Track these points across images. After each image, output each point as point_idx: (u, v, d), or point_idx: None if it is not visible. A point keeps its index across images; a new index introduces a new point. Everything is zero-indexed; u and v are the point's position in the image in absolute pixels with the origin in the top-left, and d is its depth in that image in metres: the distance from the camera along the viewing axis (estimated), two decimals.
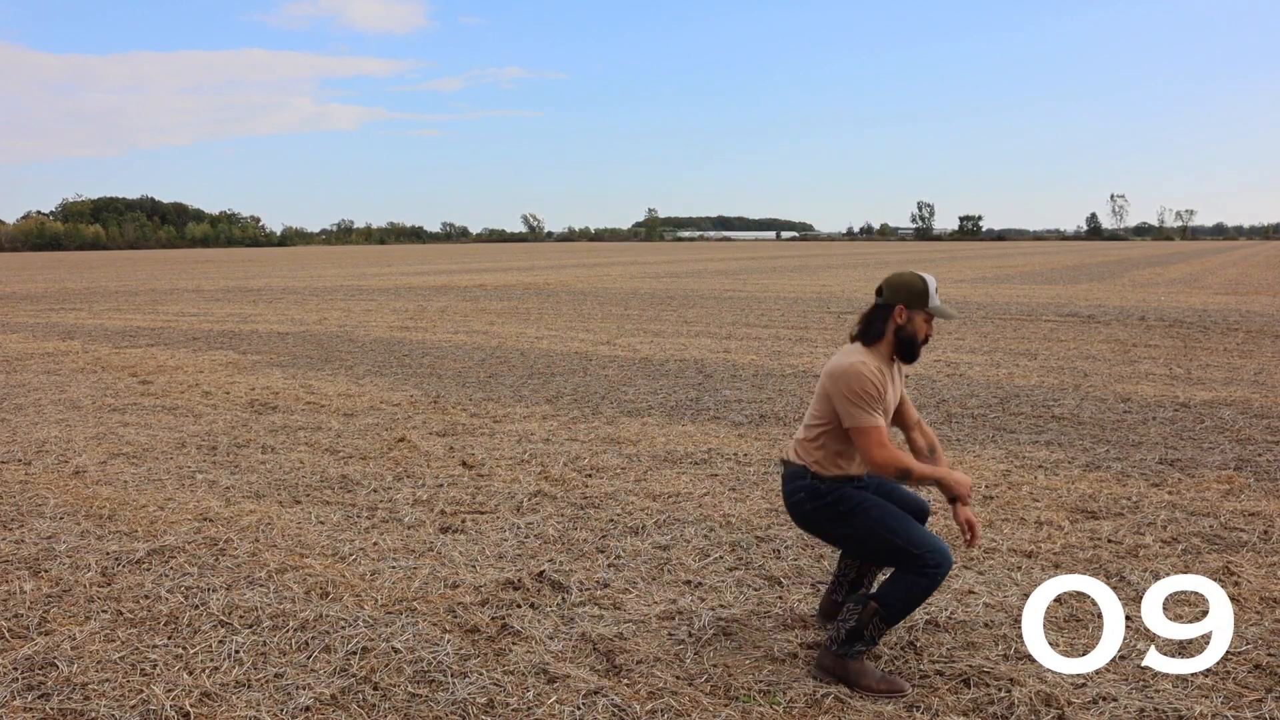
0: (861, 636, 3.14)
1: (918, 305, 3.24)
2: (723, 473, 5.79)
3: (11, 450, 6.61)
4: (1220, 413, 7.46)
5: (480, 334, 13.93)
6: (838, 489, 3.26)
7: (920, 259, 52.34)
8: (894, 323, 3.26)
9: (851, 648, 3.15)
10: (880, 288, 3.31)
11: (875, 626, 3.15)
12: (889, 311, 3.26)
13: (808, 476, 3.29)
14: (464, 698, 3.07)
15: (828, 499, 3.25)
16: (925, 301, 3.24)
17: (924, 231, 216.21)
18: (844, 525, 3.25)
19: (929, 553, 3.11)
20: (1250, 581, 3.94)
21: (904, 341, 3.27)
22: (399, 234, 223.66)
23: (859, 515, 3.21)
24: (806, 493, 3.29)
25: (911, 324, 3.25)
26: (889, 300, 3.26)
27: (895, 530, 3.15)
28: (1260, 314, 15.56)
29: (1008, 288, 23.83)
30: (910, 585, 3.13)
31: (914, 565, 3.12)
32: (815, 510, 3.28)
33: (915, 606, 3.17)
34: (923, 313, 3.25)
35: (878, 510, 3.21)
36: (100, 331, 14.94)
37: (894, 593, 3.15)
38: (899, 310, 3.24)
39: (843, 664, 3.15)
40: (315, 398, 8.55)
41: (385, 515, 5.00)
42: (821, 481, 3.27)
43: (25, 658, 3.35)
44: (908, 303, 3.24)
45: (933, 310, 3.26)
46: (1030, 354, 11.08)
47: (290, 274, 37.84)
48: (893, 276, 3.31)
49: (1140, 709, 2.96)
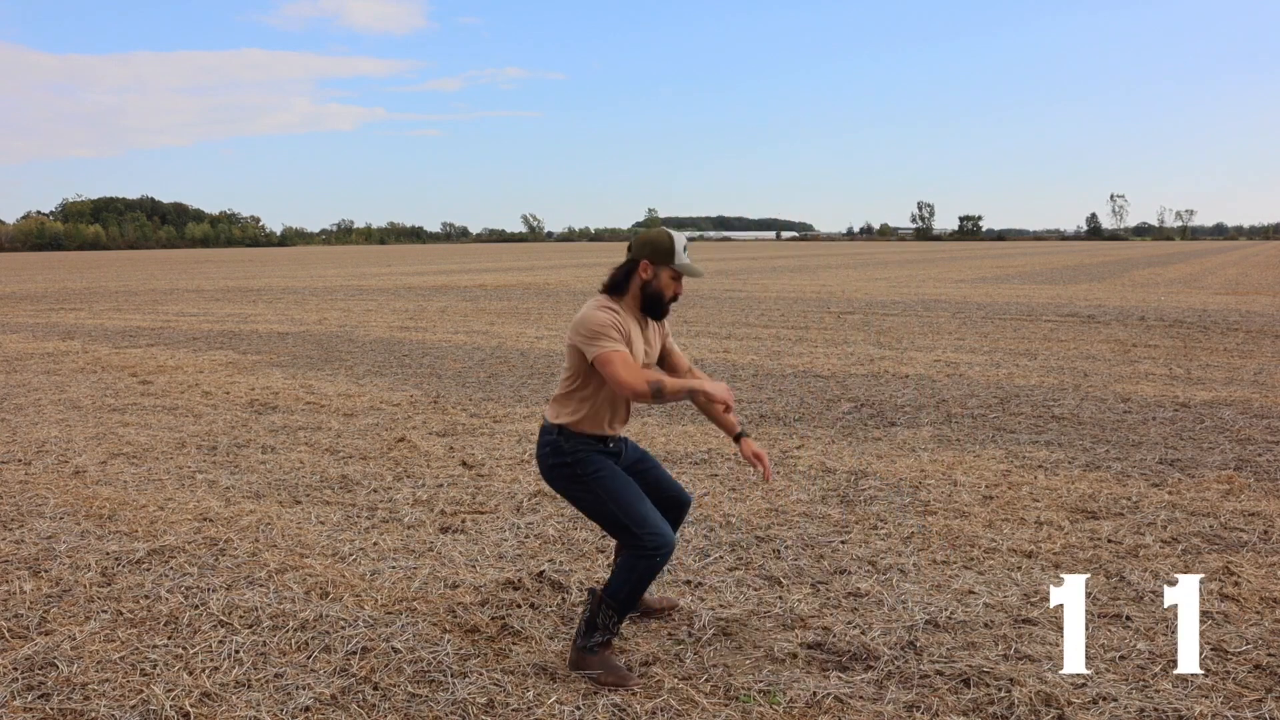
0: (596, 626, 3.20)
1: (663, 261, 3.24)
2: (723, 473, 5.79)
3: (11, 450, 6.61)
4: (1220, 413, 7.46)
5: (480, 334, 13.93)
6: (580, 450, 3.26)
7: (920, 259, 52.35)
8: (639, 278, 3.26)
9: (590, 639, 3.21)
10: (630, 243, 3.31)
11: (606, 614, 3.19)
12: (634, 266, 3.26)
13: (555, 432, 3.29)
14: (464, 698, 3.07)
15: (568, 459, 3.26)
16: (671, 258, 3.24)
17: (924, 231, 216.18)
18: (579, 488, 3.26)
19: (648, 534, 3.14)
20: (1250, 581, 3.94)
21: (650, 297, 3.27)
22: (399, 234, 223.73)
23: (593, 482, 3.22)
24: (551, 448, 3.30)
25: (657, 280, 3.25)
26: (635, 255, 3.27)
27: (622, 505, 3.18)
28: (1260, 314, 15.56)
29: (1008, 288, 23.83)
30: (630, 569, 3.18)
31: (633, 544, 3.16)
32: (555, 468, 3.29)
33: (640, 591, 3.21)
34: (669, 269, 3.25)
35: (612, 482, 3.22)
36: (100, 331, 14.94)
37: (616, 580, 3.20)
38: (644, 265, 3.24)
39: (582, 657, 3.22)
40: (315, 398, 8.55)
41: (385, 515, 5.00)
42: (566, 439, 3.27)
43: (25, 658, 3.35)
44: (652, 258, 3.24)
45: (679, 267, 3.26)
46: (1030, 354, 11.08)
47: (290, 274, 37.83)
48: (642, 232, 3.32)
49: (1140, 709, 2.96)
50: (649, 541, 3.14)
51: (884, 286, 24.65)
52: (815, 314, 16.76)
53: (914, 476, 5.65)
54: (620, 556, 3.26)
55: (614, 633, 3.23)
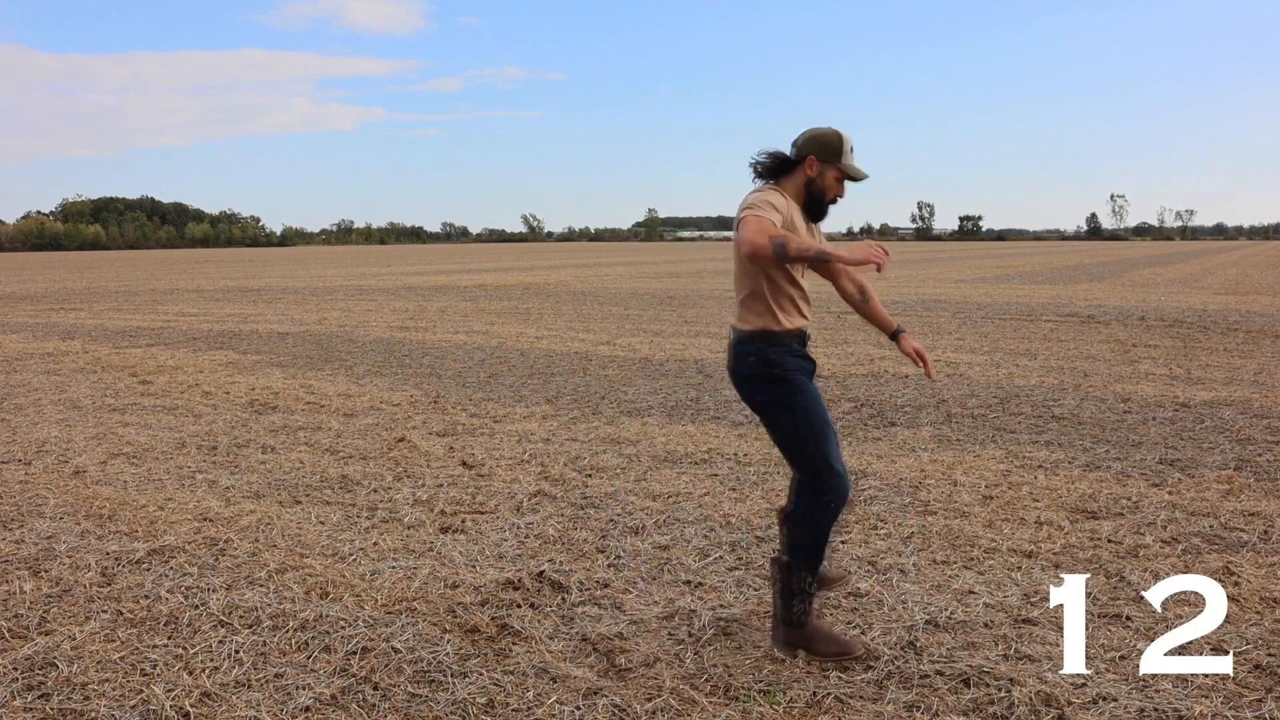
0: (793, 593, 3.11)
1: (830, 159, 3.13)
2: (723, 473, 5.79)
3: (11, 450, 6.61)
4: (1220, 413, 7.46)
5: (480, 334, 13.93)
6: (789, 365, 3.15)
7: (920, 259, 52.34)
8: (804, 174, 3.15)
9: (791, 610, 3.12)
10: (795, 140, 3.20)
11: (799, 576, 3.11)
12: (800, 162, 3.16)
13: (758, 340, 3.18)
14: (464, 698, 3.07)
15: (775, 370, 3.15)
16: (839, 157, 3.13)
17: (924, 231, 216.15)
18: (779, 408, 3.15)
19: (832, 475, 3.07)
20: (1250, 581, 3.94)
21: (813, 196, 3.16)
22: (399, 234, 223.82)
23: (797, 405, 3.12)
24: (757, 357, 3.18)
25: (822, 179, 3.15)
26: (802, 151, 3.16)
27: (817, 438, 3.11)
28: (1260, 314, 15.56)
29: (1008, 288, 23.83)
30: (808, 519, 3.12)
31: (813, 482, 3.09)
32: (761, 379, 3.17)
33: (823, 540, 3.12)
34: (834, 169, 3.15)
35: (814, 410, 3.15)
36: (100, 331, 14.94)
37: (795, 535, 3.11)
38: (810, 162, 3.14)
39: (792, 632, 3.14)
40: (315, 398, 8.55)
41: (385, 515, 5.00)
42: (773, 348, 3.15)
43: (25, 658, 3.35)
44: (820, 155, 3.13)
45: (844, 168, 3.15)
46: (1030, 354, 11.08)
47: (290, 274, 37.84)
48: (809, 130, 3.20)
49: (1140, 709, 2.96)
50: (830, 481, 3.05)
51: (884, 286, 24.65)
52: (816, 314, 16.74)
53: (914, 476, 5.65)
54: (792, 509, 3.11)
55: (813, 592, 3.10)
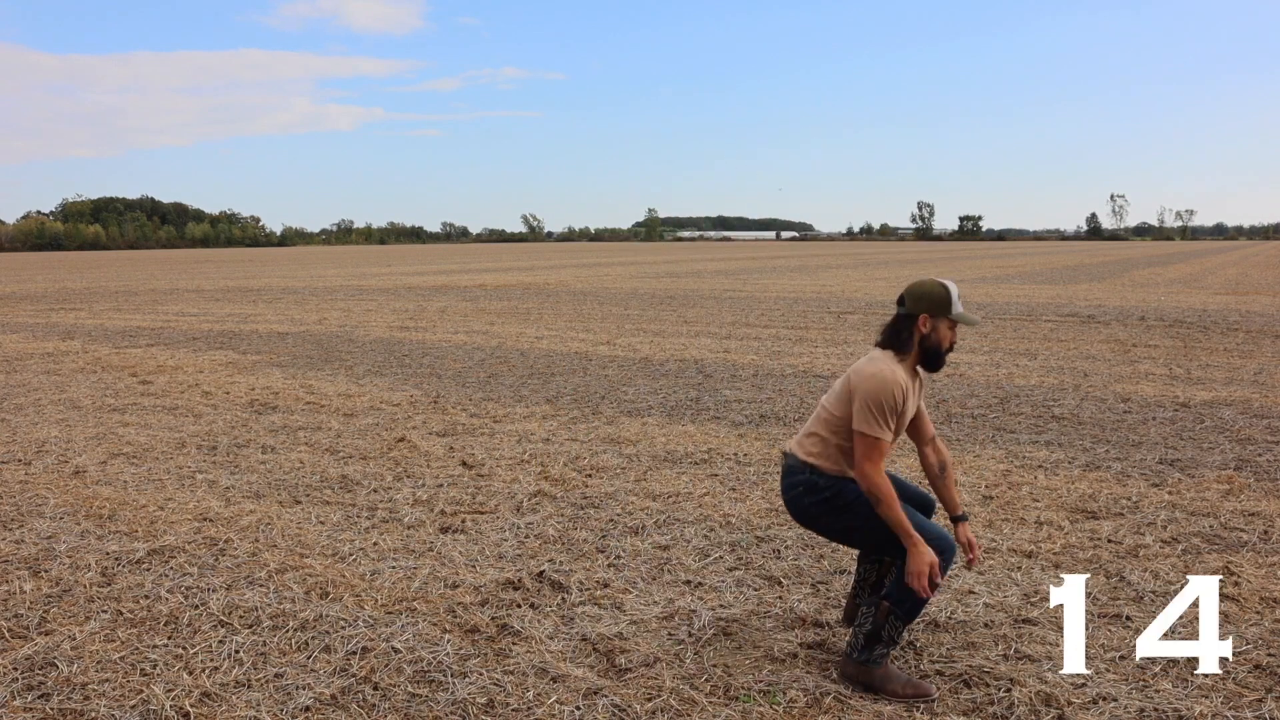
0: (880, 638, 3.11)
1: (941, 313, 3.19)
2: (723, 473, 5.79)
3: (11, 450, 6.61)
4: (1220, 413, 7.46)
5: (480, 334, 13.93)
6: (836, 484, 3.24)
7: (920, 259, 52.35)
8: (919, 332, 3.21)
9: (872, 653, 3.12)
10: (902, 297, 3.26)
11: (891, 625, 3.12)
12: (913, 321, 3.21)
13: (807, 472, 3.27)
14: (464, 698, 3.07)
15: (826, 494, 3.23)
16: (949, 309, 3.19)
17: (924, 231, 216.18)
18: (845, 516, 3.22)
19: (932, 540, 3.10)
20: (1250, 581, 3.94)
21: (928, 351, 3.22)
22: (399, 234, 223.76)
23: (859, 505, 3.19)
24: (805, 487, 3.27)
25: (936, 333, 3.20)
26: (912, 310, 3.21)
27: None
28: (1260, 314, 15.56)
29: (1008, 288, 23.83)
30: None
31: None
32: (813, 505, 3.26)
33: (927, 600, 3.14)
34: (946, 320, 3.21)
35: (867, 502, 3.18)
36: (100, 331, 14.94)
37: (903, 589, 3.11)
38: (923, 320, 3.19)
39: (867, 670, 3.13)
40: (315, 398, 8.55)
41: (385, 515, 5.00)
42: (820, 476, 3.25)
43: (25, 658, 3.35)
44: (931, 311, 3.19)
45: (956, 317, 3.21)
46: (1030, 354, 11.08)
47: (290, 274, 37.84)
48: (914, 285, 3.25)
49: (1140, 709, 2.96)
50: (934, 546, 3.09)
51: (884, 286, 24.65)
52: (815, 314, 16.76)
53: (914, 477, 5.64)
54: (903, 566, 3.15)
55: (897, 644, 3.14)
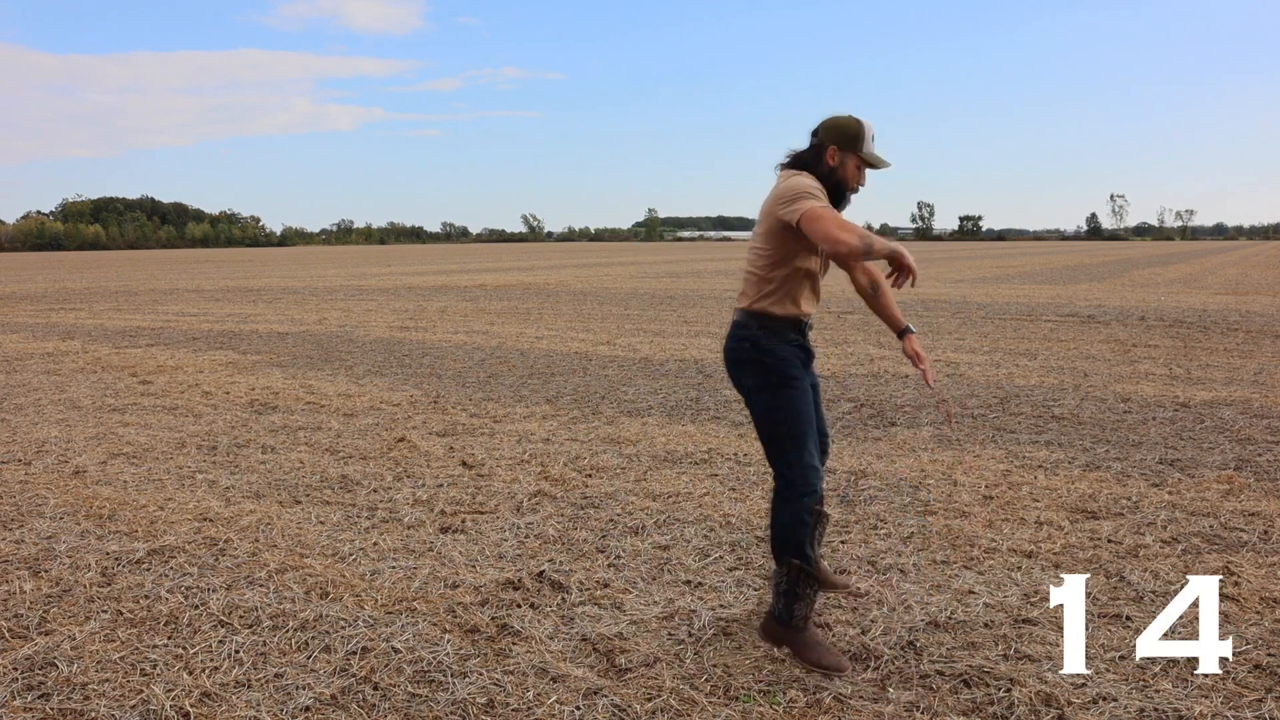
0: (797, 595, 3.15)
1: (850, 148, 3.13)
2: (723, 473, 5.79)
3: (11, 450, 6.61)
4: (1220, 413, 7.46)
5: (480, 334, 13.93)
6: (783, 351, 3.17)
7: (920, 259, 52.29)
8: (826, 164, 3.15)
9: (792, 611, 3.15)
10: (815, 129, 3.19)
11: (793, 571, 3.15)
12: (822, 151, 3.16)
13: (754, 325, 3.20)
14: (464, 698, 3.07)
15: (768, 359, 3.17)
16: (858, 145, 3.13)
17: (924, 231, 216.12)
18: (767, 393, 3.17)
19: (801, 468, 3.09)
20: (1250, 581, 3.94)
21: (835, 186, 3.15)
22: (399, 234, 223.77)
23: (783, 392, 3.14)
24: (751, 342, 3.20)
25: (843, 168, 3.15)
26: (821, 140, 3.16)
27: (797, 429, 3.12)
28: (1260, 314, 15.56)
29: (1008, 288, 23.83)
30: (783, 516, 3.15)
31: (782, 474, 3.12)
32: (753, 363, 3.19)
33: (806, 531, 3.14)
34: (855, 157, 3.15)
35: (800, 401, 3.16)
36: (100, 331, 14.94)
37: (779, 533, 3.15)
38: (832, 151, 3.14)
39: (785, 632, 3.17)
40: (315, 398, 8.55)
41: (385, 515, 5.00)
42: (768, 334, 3.17)
43: (25, 658, 3.35)
44: (840, 144, 3.13)
45: (866, 156, 3.15)
46: (1030, 354, 11.08)
47: (290, 274, 37.84)
48: (829, 118, 3.19)
49: (1140, 709, 2.96)
50: (797, 476, 3.06)
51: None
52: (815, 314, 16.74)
53: (914, 476, 5.65)
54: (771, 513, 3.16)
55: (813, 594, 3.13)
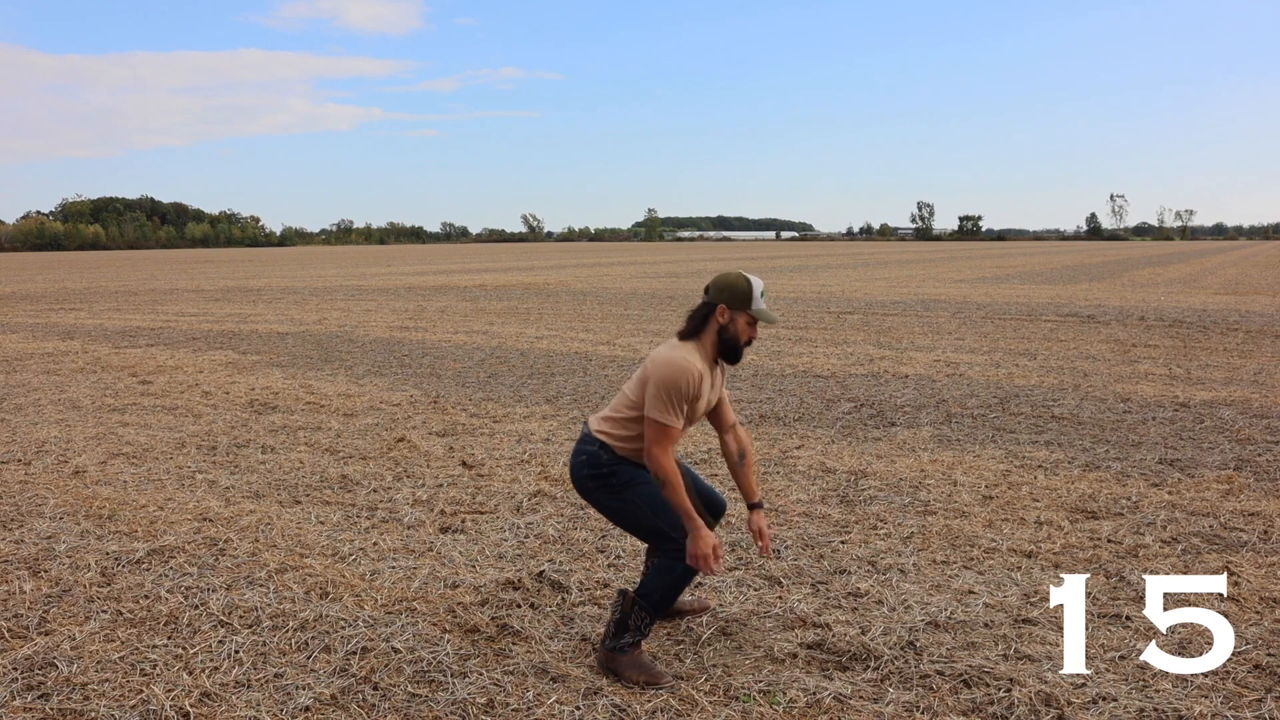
0: (627, 628, 3.20)
1: (740, 306, 3.22)
2: (722, 473, 5.79)
3: (11, 450, 6.61)
4: (1220, 413, 7.46)
5: (480, 334, 13.93)
6: (616, 464, 3.26)
7: (920, 259, 52.35)
8: (716, 322, 3.24)
9: (619, 640, 3.20)
10: (708, 286, 3.29)
11: (638, 617, 3.20)
12: (712, 310, 3.25)
13: (595, 445, 3.29)
14: (464, 698, 3.07)
15: (603, 470, 3.26)
16: (748, 303, 3.22)
17: (924, 231, 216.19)
18: (614, 498, 3.26)
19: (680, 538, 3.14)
20: (1250, 581, 3.94)
21: (726, 343, 3.26)
22: (399, 234, 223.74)
23: (629, 490, 3.23)
24: (588, 459, 3.29)
25: (734, 325, 3.23)
26: (713, 299, 3.24)
27: (659, 512, 3.18)
28: (1260, 314, 15.56)
29: (1008, 288, 23.83)
30: (668, 572, 3.19)
31: (671, 550, 3.16)
32: (590, 479, 3.29)
33: (676, 594, 3.22)
34: (745, 314, 3.23)
35: (648, 489, 3.22)
36: (100, 331, 14.94)
37: (652, 582, 3.22)
38: (721, 310, 3.22)
39: (613, 657, 3.22)
40: (315, 398, 8.55)
41: (385, 515, 5.00)
42: (605, 453, 3.26)
43: (25, 658, 3.35)
44: (729, 303, 3.22)
45: (755, 313, 3.23)
46: (1030, 354, 11.08)
47: (290, 274, 37.84)
48: (719, 276, 3.28)
49: (1140, 709, 2.96)
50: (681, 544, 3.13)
51: (884, 286, 24.66)
52: (815, 314, 16.76)
53: (914, 476, 5.65)
54: (657, 559, 3.24)
55: (645, 634, 3.22)
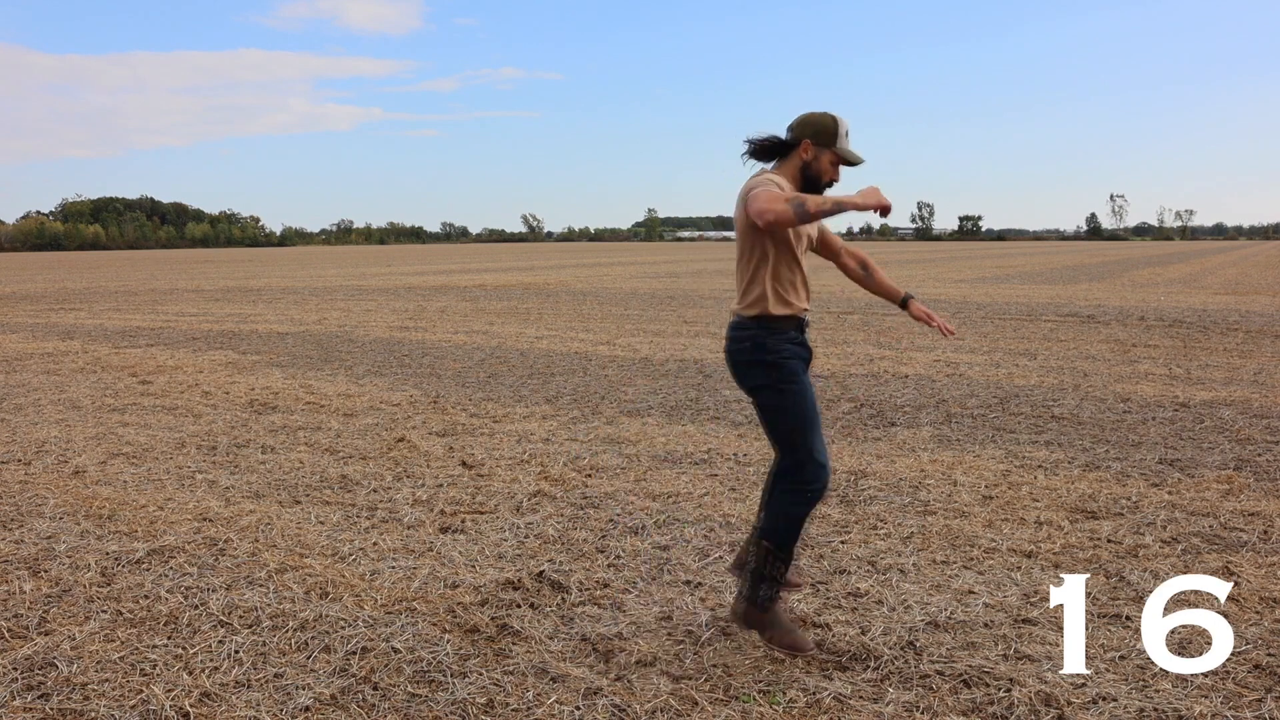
0: (763, 577, 3.15)
1: (825, 143, 3.16)
2: (723, 473, 5.79)
3: (11, 450, 6.61)
4: (1220, 413, 7.46)
5: (480, 334, 13.93)
6: (785, 351, 3.19)
7: (920, 259, 52.33)
8: (799, 157, 3.17)
9: (757, 592, 3.16)
10: (791, 124, 3.22)
11: (770, 563, 3.15)
12: (795, 146, 3.18)
13: (753, 326, 3.21)
14: (464, 698, 3.07)
15: (769, 357, 3.19)
16: (833, 140, 3.15)
17: (924, 231, 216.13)
18: (771, 392, 3.19)
19: (814, 463, 3.11)
20: (1250, 581, 3.94)
21: (809, 180, 3.18)
22: (399, 234, 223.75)
23: (788, 390, 3.17)
24: (752, 343, 3.21)
25: (817, 162, 3.17)
26: (797, 135, 3.18)
27: (804, 425, 3.14)
28: (1260, 314, 15.56)
29: (1008, 288, 23.83)
30: (785, 504, 3.15)
31: (794, 469, 3.13)
32: (756, 364, 3.21)
33: (797, 528, 3.17)
34: (829, 152, 3.17)
35: (803, 398, 3.18)
36: (100, 331, 14.94)
37: (771, 520, 3.15)
38: (805, 145, 3.16)
39: (753, 613, 3.18)
40: (315, 398, 8.55)
41: (385, 515, 5.00)
42: (769, 334, 3.18)
43: (25, 658, 3.35)
44: (815, 139, 3.16)
45: (840, 151, 3.17)
46: (1030, 354, 11.08)
47: (290, 274, 37.84)
48: (803, 114, 3.21)
49: (1140, 709, 2.96)
50: (810, 472, 3.08)
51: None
52: (815, 314, 16.76)
53: (914, 476, 5.65)
54: (771, 496, 3.16)
55: (781, 580, 3.14)
